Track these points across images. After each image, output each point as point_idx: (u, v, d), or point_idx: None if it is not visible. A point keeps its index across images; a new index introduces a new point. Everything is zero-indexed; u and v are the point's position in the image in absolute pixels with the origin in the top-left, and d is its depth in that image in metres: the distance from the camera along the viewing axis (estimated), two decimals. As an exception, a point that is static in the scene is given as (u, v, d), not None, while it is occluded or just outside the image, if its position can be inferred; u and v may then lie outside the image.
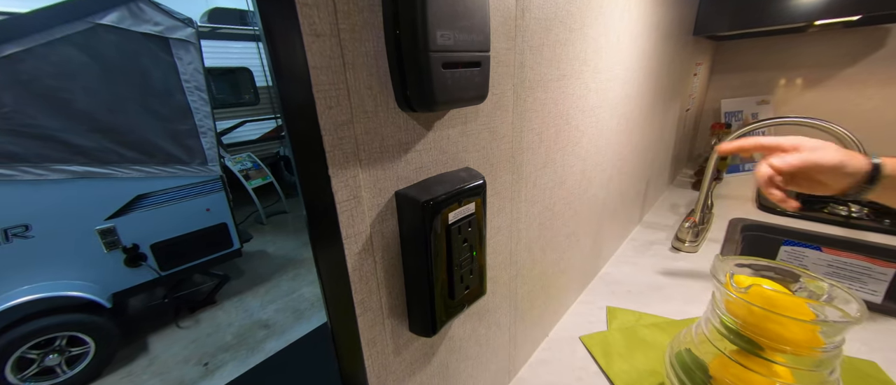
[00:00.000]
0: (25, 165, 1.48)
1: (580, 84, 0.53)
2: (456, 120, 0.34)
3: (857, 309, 0.35)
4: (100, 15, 1.55)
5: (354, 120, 0.25)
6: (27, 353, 1.58)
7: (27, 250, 1.54)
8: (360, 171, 0.27)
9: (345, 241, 0.27)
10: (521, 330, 0.55)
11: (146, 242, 1.86)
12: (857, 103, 1.30)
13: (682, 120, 1.28)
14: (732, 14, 1.01)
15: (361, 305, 0.30)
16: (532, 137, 0.46)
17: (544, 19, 0.41)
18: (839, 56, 1.29)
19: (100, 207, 1.70)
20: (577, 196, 0.62)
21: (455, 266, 0.33)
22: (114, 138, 1.67)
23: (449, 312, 0.35)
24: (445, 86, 0.27)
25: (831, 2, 0.90)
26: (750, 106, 1.46)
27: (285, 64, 0.20)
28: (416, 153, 0.31)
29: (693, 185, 1.38)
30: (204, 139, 1.95)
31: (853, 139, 0.64)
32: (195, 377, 1.76)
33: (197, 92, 1.89)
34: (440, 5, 0.24)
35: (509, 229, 0.46)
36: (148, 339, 2.02)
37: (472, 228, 0.34)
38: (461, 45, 0.27)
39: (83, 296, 1.65)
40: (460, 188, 0.32)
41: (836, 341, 0.35)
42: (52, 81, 1.49)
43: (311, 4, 0.20)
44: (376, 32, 0.25)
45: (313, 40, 0.21)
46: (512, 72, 0.39)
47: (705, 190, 0.92)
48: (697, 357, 0.43)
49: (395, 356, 0.35)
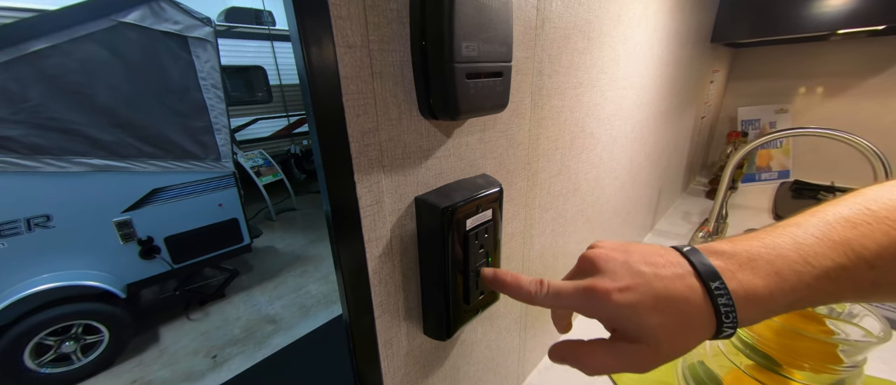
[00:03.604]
0: (49, 157, 1.53)
1: (597, 92, 0.53)
2: (475, 127, 0.35)
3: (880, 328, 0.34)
4: (123, 13, 1.60)
5: (380, 128, 0.26)
6: (45, 340, 1.63)
7: (48, 240, 1.59)
8: (383, 177, 0.27)
9: (367, 244, 0.28)
10: (532, 335, 0.55)
11: (160, 235, 1.91)
12: (879, 115, 1.26)
13: (696, 127, 1.26)
14: (752, 21, 0.99)
15: (380, 307, 0.30)
16: (548, 145, 0.46)
17: (563, 28, 0.42)
18: (862, 65, 1.26)
19: (117, 200, 1.75)
20: (589, 203, 0.62)
21: (471, 272, 0.34)
22: (133, 133, 1.71)
23: (463, 317, 0.35)
24: (468, 95, 0.27)
25: (855, 10, 0.88)
26: (768, 114, 1.43)
27: (318, 74, 0.21)
28: (436, 160, 0.32)
29: (707, 193, 1.36)
30: (218, 136, 1.99)
31: (877, 152, 0.63)
32: (204, 369, 1.79)
33: (213, 89, 1.93)
34: (466, 18, 0.25)
35: (523, 235, 0.46)
36: (159, 329, 2.07)
37: (489, 235, 0.35)
38: (485, 56, 0.27)
39: (100, 286, 1.70)
40: (478, 195, 0.32)
41: (857, 361, 0.34)
42: (77, 77, 1.54)
43: (344, 17, 0.21)
44: (403, 43, 0.25)
45: (345, 51, 0.22)
46: (530, 80, 0.39)
47: (720, 199, 0.90)
48: (711, 370, 0.43)
49: (408, 358, 0.35)
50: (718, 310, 0.19)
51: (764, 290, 0.19)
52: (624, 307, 0.21)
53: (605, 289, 0.21)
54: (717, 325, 0.20)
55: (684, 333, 0.20)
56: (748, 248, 0.21)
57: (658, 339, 0.20)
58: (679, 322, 0.20)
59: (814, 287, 0.19)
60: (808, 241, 0.20)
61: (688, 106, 1.06)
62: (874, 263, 0.19)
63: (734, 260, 0.20)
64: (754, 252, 0.20)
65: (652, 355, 0.21)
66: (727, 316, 0.19)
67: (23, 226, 1.53)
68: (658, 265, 0.21)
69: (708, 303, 0.20)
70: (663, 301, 0.20)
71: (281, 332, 2.03)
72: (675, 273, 0.21)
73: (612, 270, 0.22)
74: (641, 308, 0.20)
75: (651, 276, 0.21)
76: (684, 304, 0.20)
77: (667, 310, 0.20)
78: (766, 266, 0.20)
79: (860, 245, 0.19)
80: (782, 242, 0.20)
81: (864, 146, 0.63)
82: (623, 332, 0.22)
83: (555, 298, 0.24)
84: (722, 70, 1.38)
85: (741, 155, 0.77)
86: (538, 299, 0.25)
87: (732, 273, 0.20)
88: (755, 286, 0.19)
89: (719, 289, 0.20)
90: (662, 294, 0.20)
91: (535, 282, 0.25)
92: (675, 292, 0.20)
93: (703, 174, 1.60)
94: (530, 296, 0.25)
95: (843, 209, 0.21)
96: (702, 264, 0.21)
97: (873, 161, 0.63)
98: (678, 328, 0.20)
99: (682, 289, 0.20)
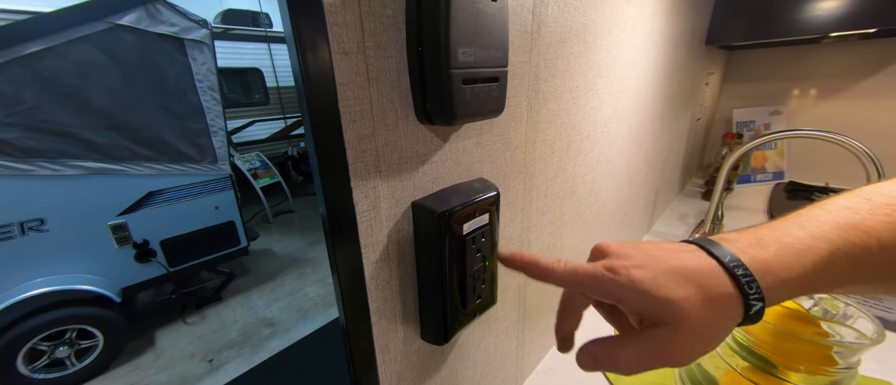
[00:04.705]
0: (43, 160, 1.52)
1: (593, 95, 0.53)
2: (471, 132, 0.35)
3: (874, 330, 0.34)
4: (119, 15, 1.59)
5: (376, 133, 0.26)
6: (38, 345, 1.61)
7: (42, 243, 1.58)
8: (380, 183, 0.27)
9: (363, 250, 0.28)
10: (530, 338, 0.55)
11: (156, 238, 1.89)
12: (873, 116, 1.28)
13: (692, 129, 1.27)
14: (746, 24, 1.00)
15: (377, 312, 0.30)
16: (544, 148, 0.46)
17: (559, 33, 0.42)
18: (855, 67, 1.27)
19: (113, 203, 1.73)
20: (586, 206, 0.62)
21: (468, 276, 0.34)
22: (128, 136, 1.70)
23: (461, 321, 0.35)
24: (465, 100, 0.27)
25: (848, 14, 0.89)
26: (762, 116, 1.44)
27: (314, 80, 0.21)
28: (433, 164, 0.32)
29: (703, 195, 1.37)
30: (215, 138, 1.99)
31: (869, 154, 0.63)
32: (200, 373, 1.78)
33: (209, 92, 1.93)
34: (462, 23, 0.25)
35: (520, 238, 0.46)
36: (155, 333, 2.05)
37: (486, 239, 0.35)
38: (481, 61, 0.27)
39: (94, 290, 1.68)
40: (475, 199, 0.33)
41: (852, 362, 0.35)
42: (72, 79, 1.52)
43: (340, 24, 0.21)
44: (399, 49, 0.26)
45: (341, 57, 0.22)
46: (527, 84, 0.39)
47: (716, 200, 0.91)
48: (708, 372, 0.43)
49: (405, 362, 0.35)
50: (738, 280, 0.19)
51: (777, 263, 0.19)
52: (642, 281, 0.20)
53: (624, 266, 0.21)
54: (743, 298, 0.19)
55: (712, 308, 0.19)
56: (753, 231, 0.21)
57: (685, 313, 0.19)
58: (703, 295, 0.19)
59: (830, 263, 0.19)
60: (812, 223, 0.20)
61: (683, 108, 1.07)
62: (886, 244, 0.19)
63: (741, 241, 0.21)
64: (760, 234, 0.21)
65: (684, 337, 0.19)
66: (750, 286, 0.19)
67: (16, 230, 1.51)
68: (670, 249, 0.22)
69: (726, 274, 0.19)
70: (681, 274, 0.20)
71: (278, 335, 2.01)
72: (689, 251, 0.21)
73: (626, 253, 0.22)
74: (661, 281, 0.20)
75: (665, 256, 0.21)
76: (704, 277, 0.20)
77: (687, 282, 0.20)
78: (775, 242, 0.20)
79: (867, 226, 0.19)
80: (786, 226, 0.21)
81: (856, 148, 0.64)
82: (649, 317, 0.21)
83: (572, 274, 0.24)
84: (717, 72, 1.39)
85: (736, 156, 0.78)
86: (554, 275, 0.25)
87: (742, 250, 0.20)
88: (767, 259, 0.19)
89: (734, 261, 0.20)
90: (679, 268, 0.20)
91: (553, 259, 0.25)
92: (691, 265, 0.20)
93: (699, 176, 1.61)
94: (547, 270, 0.25)
95: (842, 200, 0.21)
96: (711, 244, 0.21)
97: (866, 163, 0.63)
98: (703, 302, 0.19)
99: (698, 263, 0.20)
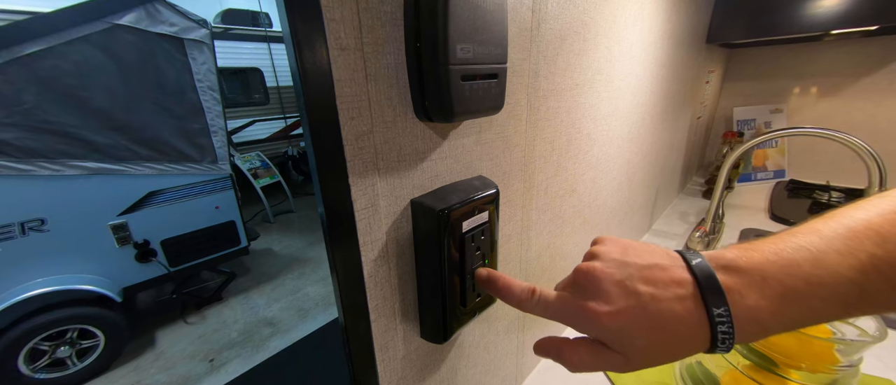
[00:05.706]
0: (43, 161, 1.52)
1: (593, 93, 0.53)
2: (471, 129, 0.34)
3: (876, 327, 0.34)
4: (118, 15, 1.59)
5: (374, 130, 0.26)
6: (39, 345, 1.61)
7: (42, 244, 1.58)
8: (378, 180, 0.27)
9: (362, 248, 0.27)
10: (530, 337, 0.55)
11: (157, 238, 1.90)
12: (873, 114, 1.27)
13: (693, 128, 1.26)
14: (747, 22, 1.00)
15: (376, 311, 0.30)
16: (544, 146, 0.46)
17: (559, 30, 0.42)
18: (856, 65, 1.27)
19: (113, 203, 1.73)
20: (586, 204, 0.62)
21: (467, 274, 0.33)
22: (128, 136, 1.70)
23: (460, 320, 0.35)
24: (463, 97, 0.27)
25: (849, 11, 0.88)
26: (763, 114, 1.44)
27: (311, 77, 0.21)
28: (432, 162, 0.32)
29: (703, 193, 1.37)
30: (215, 138, 1.99)
31: (871, 152, 0.63)
32: (201, 373, 1.78)
33: (209, 91, 1.93)
34: (461, 20, 0.25)
35: (520, 237, 0.46)
36: (155, 333, 2.05)
37: (485, 237, 0.34)
38: (480, 58, 0.27)
39: (95, 290, 1.68)
40: (474, 197, 0.32)
41: (853, 360, 0.35)
42: (71, 79, 1.52)
43: (338, 20, 0.21)
44: (398, 45, 0.25)
45: (339, 54, 0.22)
46: (526, 82, 0.39)
47: (717, 199, 0.91)
48: (708, 370, 0.43)
49: (405, 361, 0.35)
50: (716, 335, 0.19)
51: (768, 315, 0.18)
52: (612, 331, 0.20)
53: (595, 311, 0.21)
54: (710, 345, 0.19)
55: (672, 351, 0.20)
56: (762, 265, 0.19)
57: (643, 356, 0.20)
58: (669, 342, 0.20)
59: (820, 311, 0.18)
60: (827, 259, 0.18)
61: (684, 106, 1.07)
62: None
63: (746, 278, 0.19)
64: (768, 273, 0.19)
65: (633, 366, 0.21)
66: (723, 341, 0.19)
67: (17, 230, 1.51)
68: (658, 284, 0.20)
69: (706, 327, 0.19)
70: (656, 323, 0.20)
71: (279, 334, 2.01)
72: (676, 295, 0.20)
73: (606, 291, 0.21)
74: (631, 331, 0.20)
75: (647, 298, 0.20)
76: (679, 325, 0.19)
77: (658, 332, 0.20)
78: (778, 287, 0.18)
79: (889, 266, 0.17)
80: (800, 258, 0.18)
81: (858, 146, 0.64)
82: (608, 344, 0.21)
83: (544, 309, 0.24)
84: (718, 70, 1.39)
85: (737, 155, 0.77)
86: (527, 307, 0.25)
87: (741, 296, 0.19)
88: (760, 309, 0.18)
89: (722, 316, 0.19)
90: (656, 317, 0.20)
91: (527, 289, 0.25)
92: (671, 315, 0.19)
93: (700, 174, 1.60)
94: (520, 302, 0.26)
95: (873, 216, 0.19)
96: (708, 283, 0.19)
97: (867, 160, 0.63)
98: (666, 346, 0.20)
99: (680, 312, 0.19)
